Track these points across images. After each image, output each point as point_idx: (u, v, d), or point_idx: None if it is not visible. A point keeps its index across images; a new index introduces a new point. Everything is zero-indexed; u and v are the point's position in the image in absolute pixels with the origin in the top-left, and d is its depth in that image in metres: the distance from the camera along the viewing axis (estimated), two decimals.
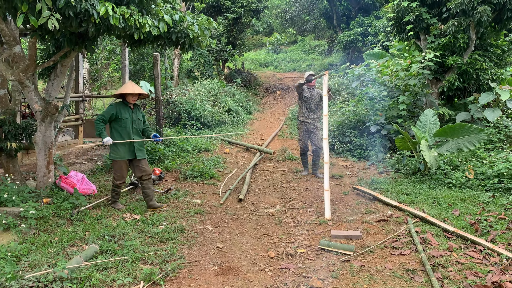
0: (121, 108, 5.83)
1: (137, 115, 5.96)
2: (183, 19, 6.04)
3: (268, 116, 16.41)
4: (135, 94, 5.85)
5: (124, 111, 5.83)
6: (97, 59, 16.20)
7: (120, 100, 5.97)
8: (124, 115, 5.80)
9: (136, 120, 5.92)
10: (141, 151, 5.99)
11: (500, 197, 6.07)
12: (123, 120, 5.78)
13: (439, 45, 9.31)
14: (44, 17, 4.15)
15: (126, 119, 5.80)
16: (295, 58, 29.87)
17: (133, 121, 5.87)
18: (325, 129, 6.41)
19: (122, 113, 5.79)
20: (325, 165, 6.32)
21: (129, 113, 5.86)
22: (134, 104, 5.96)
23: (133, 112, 5.90)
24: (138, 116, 5.98)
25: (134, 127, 5.88)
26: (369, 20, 19.85)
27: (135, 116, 5.92)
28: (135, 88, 5.82)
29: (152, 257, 4.46)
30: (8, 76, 5.82)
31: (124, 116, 5.79)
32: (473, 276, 4.00)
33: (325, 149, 6.37)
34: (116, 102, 5.90)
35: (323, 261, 4.49)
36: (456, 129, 7.18)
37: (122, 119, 5.78)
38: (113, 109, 5.78)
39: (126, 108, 5.86)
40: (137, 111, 6.00)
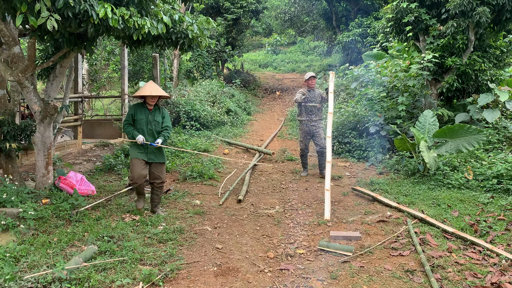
0: (139, 109, 5.76)
1: (154, 117, 5.78)
2: (182, 19, 6.04)
3: (267, 117, 16.41)
4: (154, 96, 5.70)
5: (141, 112, 5.74)
6: (96, 59, 16.19)
7: (141, 101, 5.90)
8: (139, 116, 5.71)
9: (152, 121, 5.76)
10: (154, 155, 5.78)
11: (499, 198, 6.08)
12: (137, 121, 5.71)
13: (438, 46, 9.32)
14: (43, 18, 4.14)
15: (141, 120, 5.71)
16: (295, 59, 29.89)
17: (148, 122, 5.73)
18: (329, 127, 6.49)
19: (138, 114, 5.72)
20: (327, 164, 6.34)
21: (146, 114, 5.74)
22: (154, 105, 5.81)
23: (150, 113, 5.76)
24: (156, 118, 5.79)
25: (150, 129, 5.74)
26: (368, 21, 19.86)
27: (152, 118, 5.76)
28: (153, 90, 5.66)
29: (151, 258, 4.46)
30: (7, 77, 5.81)
31: (139, 117, 5.71)
32: (472, 277, 4.00)
33: (328, 147, 6.41)
34: (136, 103, 5.87)
35: (323, 262, 4.49)
36: (455, 130, 7.18)
37: (137, 119, 5.71)
38: (132, 109, 5.78)
39: (143, 109, 5.76)
40: (156, 113, 5.81)
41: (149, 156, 5.75)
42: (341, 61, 22.29)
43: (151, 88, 5.67)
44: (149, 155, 5.75)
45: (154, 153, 5.79)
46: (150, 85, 5.73)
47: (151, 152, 5.77)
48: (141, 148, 5.71)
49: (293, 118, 14.87)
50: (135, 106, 5.79)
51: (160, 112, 5.85)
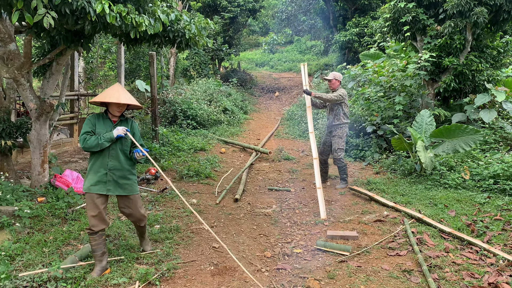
0: (98, 122, 4.13)
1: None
2: (180, 18, 6.01)
3: (264, 116, 16.39)
4: (122, 104, 4.13)
5: (101, 126, 4.10)
6: (93, 57, 16.13)
7: (102, 111, 4.36)
8: (99, 130, 4.08)
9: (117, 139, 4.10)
10: (117, 184, 4.10)
11: (495, 198, 6.09)
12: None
13: (435, 46, 9.34)
14: (40, 15, 4.10)
15: (102, 135, 4.04)
16: (291, 58, 29.84)
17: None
18: (310, 122, 6.76)
19: (98, 128, 4.09)
20: (314, 162, 6.41)
21: (108, 128, 4.11)
22: (120, 116, 4.25)
23: (114, 127, 4.12)
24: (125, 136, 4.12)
25: (113, 149, 4.08)
26: (365, 20, 19.87)
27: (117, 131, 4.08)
28: (121, 95, 4.05)
29: (147, 257, 4.43)
30: (3, 74, 5.76)
31: (99, 132, 4.07)
32: (469, 277, 4.00)
33: (312, 143, 6.62)
34: (93, 114, 4.26)
35: (320, 262, 4.48)
36: (452, 130, 7.19)
37: (95, 133, 4.08)
38: (90, 121, 4.12)
39: (105, 122, 4.15)
40: (122, 126, 4.15)
41: (108, 186, 4.07)
42: (338, 61, 22.28)
43: (119, 93, 4.07)
44: (109, 185, 4.06)
45: (117, 182, 4.11)
46: (117, 89, 4.12)
47: (112, 182, 4.09)
48: (97, 174, 4.06)
49: (290, 117, 14.87)
50: (93, 119, 4.15)
51: (128, 125, 4.23)
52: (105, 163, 4.06)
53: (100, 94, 4.15)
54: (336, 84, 7.14)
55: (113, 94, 4.05)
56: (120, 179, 4.10)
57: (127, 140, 4.14)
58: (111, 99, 4.01)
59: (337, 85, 7.14)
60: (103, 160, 4.06)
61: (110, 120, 4.17)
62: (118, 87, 4.14)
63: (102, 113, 4.23)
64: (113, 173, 4.07)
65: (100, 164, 4.06)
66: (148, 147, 5.66)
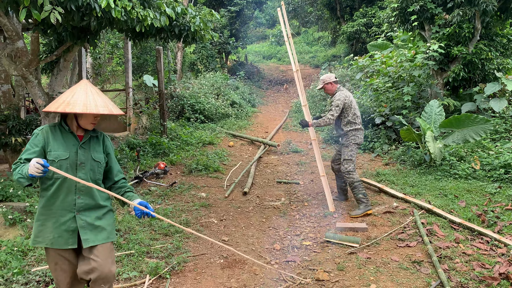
0: (55, 138, 2.72)
1: (90, 153, 2.78)
2: (185, 12, 6.00)
3: (272, 109, 16.35)
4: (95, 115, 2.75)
5: (60, 145, 2.71)
6: (100, 53, 16.19)
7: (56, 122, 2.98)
8: (59, 151, 2.69)
9: (86, 162, 2.76)
10: (92, 232, 2.75)
11: (506, 188, 6.03)
12: (54, 162, 2.65)
13: (444, 35, 9.22)
14: (46, 11, 4.12)
15: (63, 160, 2.68)
16: (299, 50, 29.70)
17: (77, 163, 2.72)
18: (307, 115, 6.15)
19: (55, 147, 2.69)
20: (313, 142, 6.25)
21: (72, 148, 2.73)
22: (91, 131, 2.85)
23: (81, 146, 2.76)
24: (94, 155, 2.80)
25: (81, 177, 2.70)
26: (373, 10, 19.68)
27: (85, 155, 2.76)
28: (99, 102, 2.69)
29: (157, 250, 4.47)
30: (11, 71, 5.81)
31: (59, 154, 2.68)
32: (480, 267, 3.98)
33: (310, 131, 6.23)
34: (45, 127, 2.77)
35: (329, 254, 4.48)
36: (462, 120, 7.12)
37: (54, 158, 2.66)
38: (33, 142, 2.71)
39: (66, 139, 2.74)
40: (94, 145, 2.83)
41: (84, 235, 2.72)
42: (345, 52, 22.14)
43: (94, 99, 2.69)
44: (83, 233, 2.72)
45: (91, 230, 2.75)
46: (90, 92, 2.71)
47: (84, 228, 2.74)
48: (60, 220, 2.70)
49: (298, 110, 14.82)
50: (47, 132, 2.73)
51: (100, 143, 2.88)
52: (70, 202, 2.69)
53: (62, 99, 2.65)
54: (330, 87, 5.87)
55: (87, 100, 2.64)
56: (96, 221, 2.76)
57: (100, 164, 2.81)
58: (89, 109, 2.61)
59: (332, 88, 5.87)
60: (67, 198, 2.69)
61: (74, 136, 2.74)
62: (90, 88, 2.73)
63: (59, 124, 2.76)
64: (85, 216, 2.73)
65: (62, 205, 2.68)
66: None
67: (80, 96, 2.67)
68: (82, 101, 2.64)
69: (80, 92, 2.70)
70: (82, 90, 2.71)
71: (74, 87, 2.78)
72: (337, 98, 5.73)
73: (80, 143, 2.76)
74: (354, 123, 5.82)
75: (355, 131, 5.82)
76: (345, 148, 5.83)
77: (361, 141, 5.87)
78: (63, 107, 2.60)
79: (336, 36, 24.85)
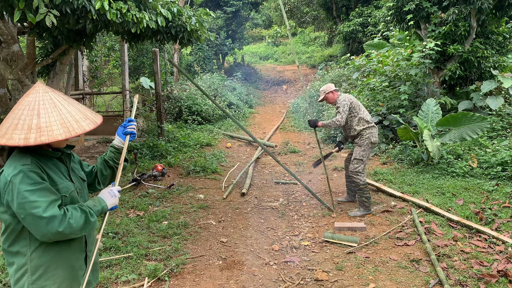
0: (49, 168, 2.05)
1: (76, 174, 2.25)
2: (181, 12, 6.00)
3: (269, 110, 16.36)
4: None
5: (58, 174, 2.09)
6: (97, 56, 16.15)
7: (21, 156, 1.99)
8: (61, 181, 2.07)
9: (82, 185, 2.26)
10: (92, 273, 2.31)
11: (504, 185, 6.04)
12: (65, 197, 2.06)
13: (439, 33, 9.24)
14: (41, 14, 4.12)
15: (71, 190, 2.11)
16: (296, 50, 29.75)
17: (80, 188, 2.22)
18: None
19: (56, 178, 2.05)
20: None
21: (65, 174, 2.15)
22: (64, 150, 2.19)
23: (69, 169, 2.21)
24: (80, 174, 2.29)
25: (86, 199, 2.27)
26: (368, 10, 19.72)
27: (76, 179, 2.23)
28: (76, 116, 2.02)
29: (156, 253, 4.46)
30: (7, 75, 5.80)
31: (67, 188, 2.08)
32: (478, 265, 3.99)
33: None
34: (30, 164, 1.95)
35: (328, 253, 4.48)
36: (459, 118, 7.13)
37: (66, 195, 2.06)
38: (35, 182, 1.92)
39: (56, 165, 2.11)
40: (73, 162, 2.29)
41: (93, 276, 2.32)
42: (342, 51, 22.17)
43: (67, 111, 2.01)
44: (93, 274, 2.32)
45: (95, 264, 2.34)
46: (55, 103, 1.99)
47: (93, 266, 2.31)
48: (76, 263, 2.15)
49: (295, 110, 14.83)
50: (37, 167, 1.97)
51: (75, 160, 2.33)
52: (82, 240, 2.19)
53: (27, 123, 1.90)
54: (331, 96, 5.77)
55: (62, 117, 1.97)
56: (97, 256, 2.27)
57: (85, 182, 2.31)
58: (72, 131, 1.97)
59: (333, 97, 5.77)
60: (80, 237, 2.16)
61: (57, 159, 2.13)
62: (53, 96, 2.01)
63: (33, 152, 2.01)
64: (90, 252, 2.25)
65: (77, 246, 2.15)
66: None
67: (50, 113, 1.94)
68: (58, 122, 1.94)
69: (47, 107, 1.95)
70: (47, 104, 1.96)
71: (30, 100, 1.96)
72: (342, 100, 5.65)
73: (65, 167, 2.17)
74: (366, 121, 5.70)
75: (369, 129, 5.68)
76: (358, 147, 5.69)
77: (377, 139, 5.71)
78: (37, 137, 1.87)
79: (333, 36, 24.90)
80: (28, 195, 1.88)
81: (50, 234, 1.91)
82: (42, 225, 1.88)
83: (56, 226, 1.90)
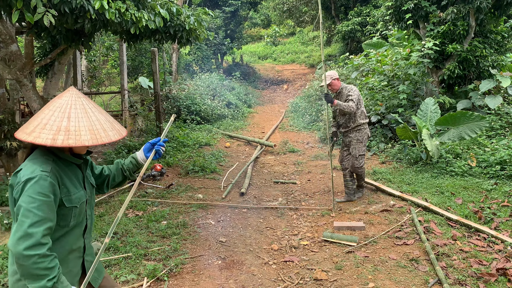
0: (65, 174, 2.04)
1: (90, 179, 2.26)
2: (180, 12, 5.99)
3: (268, 109, 16.36)
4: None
5: (72, 181, 2.08)
6: (95, 55, 16.14)
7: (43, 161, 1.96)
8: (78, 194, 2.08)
9: (91, 193, 2.25)
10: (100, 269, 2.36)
11: (503, 184, 6.05)
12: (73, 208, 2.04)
13: (438, 33, 9.25)
14: (40, 13, 4.11)
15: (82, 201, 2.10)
16: (294, 49, 29.73)
17: (89, 199, 2.20)
18: None
19: (70, 187, 2.04)
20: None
21: (80, 180, 2.15)
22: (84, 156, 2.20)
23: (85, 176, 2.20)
24: (91, 181, 2.27)
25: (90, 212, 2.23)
26: (367, 9, 19.73)
27: (89, 186, 2.22)
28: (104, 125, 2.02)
29: (155, 253, 4.45)
30: (6, 75, 5.78)
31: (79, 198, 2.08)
32: (477, 264, 3.99)
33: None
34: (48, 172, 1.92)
35: (327, 253, 4.48)
36: (457, 117, 7.14)
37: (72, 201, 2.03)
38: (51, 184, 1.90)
39: (72, 171, 2.10)
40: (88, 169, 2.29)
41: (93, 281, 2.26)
42: (341, 51, 22.17)
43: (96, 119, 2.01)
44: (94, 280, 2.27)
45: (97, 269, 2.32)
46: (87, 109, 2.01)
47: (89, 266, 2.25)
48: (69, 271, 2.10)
49: (294, 109, 14.82)
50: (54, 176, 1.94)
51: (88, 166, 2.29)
52: (80, 245, 2.17)
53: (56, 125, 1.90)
54: (336, 83, 5.89)
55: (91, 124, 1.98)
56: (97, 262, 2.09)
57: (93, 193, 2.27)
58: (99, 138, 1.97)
59: (338, 84, 5.90)
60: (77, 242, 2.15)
61: (76, 165, 2.13)
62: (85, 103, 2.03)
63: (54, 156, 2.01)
64: (89, 256, 2.27)
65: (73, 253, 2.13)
66: None
67: (80, 118, 1.95)
68: (87, 127, 1.95)
69: (78, 112, 1.96)
70: (79, 109, 1.97)
71: (62, 102, 1.97)
72: (354, 89, 5.82)
73: (82, 174, 2.16)
74: (365, 116, 5.97)
75: (366, 125, 5.98)
76: (359, 143, 5.91)
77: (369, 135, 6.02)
78: (64, 139, 1.87)
79: (331, 35, 24.89)
80: (29, 201, 1.84)
81: (13, 247, 1.80)
82: (17, 235, 1.81)
83: (24, 246, 1.78)
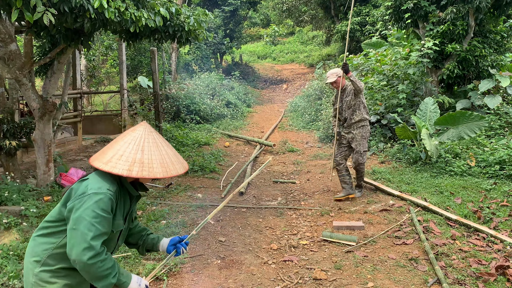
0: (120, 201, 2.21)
1: (132, 216, 2.41)
2: (179, 12, 5.99)
3: (268, 109, 16.36)
4: None
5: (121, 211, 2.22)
6: (94, 55, 16.12)
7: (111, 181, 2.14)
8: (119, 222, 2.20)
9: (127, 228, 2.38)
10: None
11: (502, 184, 6.05)
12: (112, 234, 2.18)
13: (438, 32, 9.25)
14: (39, 12, 4.10)
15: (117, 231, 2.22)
16: (293, 49, 29.76)
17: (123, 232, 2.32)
18: None
19: (118, 217, 2.19)
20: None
21: (125, 213, 2.28)
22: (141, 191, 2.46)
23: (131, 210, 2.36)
24: (133, 216, 2.45)
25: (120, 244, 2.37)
26: (367, 9, 19.72)
27: (130, 218, 2.40)
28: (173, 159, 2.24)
29: (154, 252, 4.44)
30: (5, 74, 5.78)
31: (119, 225, 2.20)
32: (476, 263, 3.99)
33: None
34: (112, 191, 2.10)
35: (326, 252, 4.48)
36: (457, 117, 7.14)
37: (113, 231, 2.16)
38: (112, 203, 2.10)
39: (125, 199, 2.27)
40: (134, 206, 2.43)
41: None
42: (340, 50, 22.17)
43: (166, 153, 2.23)
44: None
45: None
46: (159, 145, 2.22)
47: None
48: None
49: (293, 109, 14.83)
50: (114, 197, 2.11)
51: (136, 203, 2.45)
52: None
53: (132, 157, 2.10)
54: (342, 82, 5.95)
55: (162, 158, 2.17)
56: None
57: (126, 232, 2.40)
58: (169, 171, 2.17)
59: (342, 82, 5.95)
60: None
61: (129, 196, 2.29)
62: (157, 138, 2.23)
63: (118, 183, 2.19)
64: None
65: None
66: None
67: (153, 152, 2.15)
68: (159, 161, 2.14)
69: (150, 145, 2.16)
70: (151, 143, 2.17)
71: (136, 136, 2.17)
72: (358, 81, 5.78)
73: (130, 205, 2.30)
74: (368, 112, 6.07)
75: (368, 121, 6.08)
76: (363, 140, 5.99)
77: None
78: (139, 170, 2.07)
79: (331, 35, 24.88)
80: (92, 215, 1.98)
81: (78, 257, 1.95)
82: (81, 247, 1.94)
83: (88, 256, 1.95)
